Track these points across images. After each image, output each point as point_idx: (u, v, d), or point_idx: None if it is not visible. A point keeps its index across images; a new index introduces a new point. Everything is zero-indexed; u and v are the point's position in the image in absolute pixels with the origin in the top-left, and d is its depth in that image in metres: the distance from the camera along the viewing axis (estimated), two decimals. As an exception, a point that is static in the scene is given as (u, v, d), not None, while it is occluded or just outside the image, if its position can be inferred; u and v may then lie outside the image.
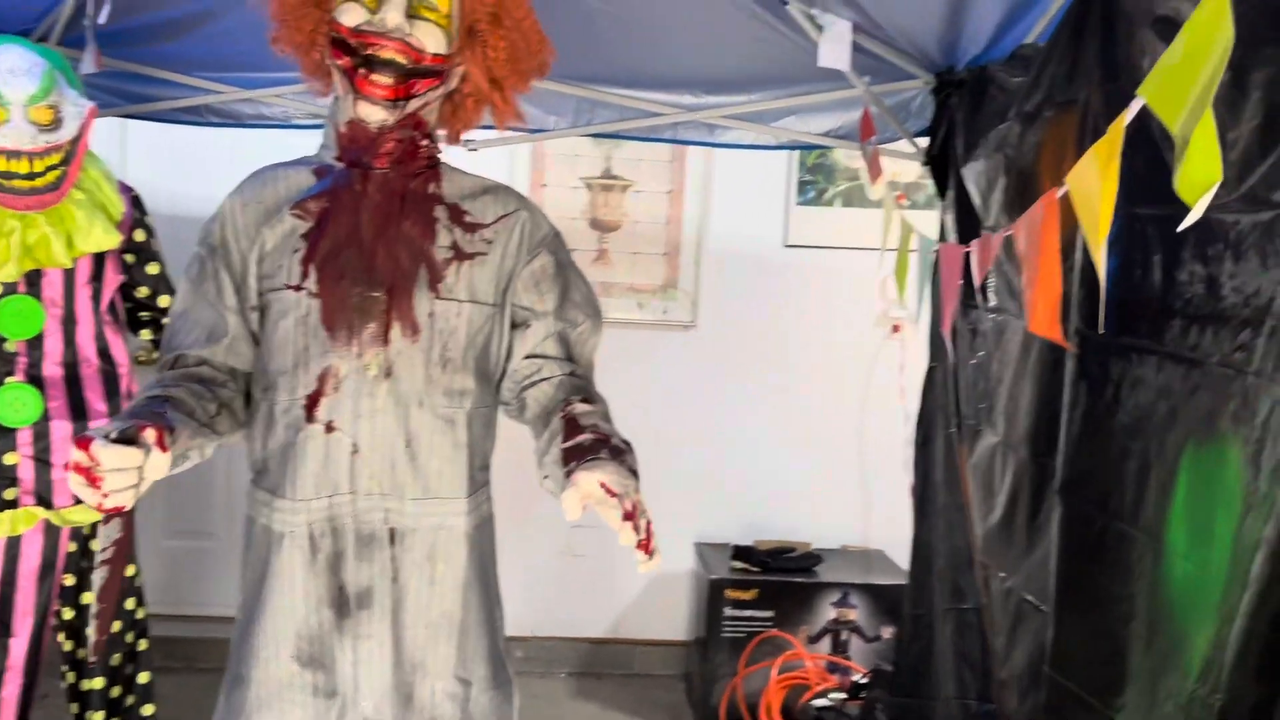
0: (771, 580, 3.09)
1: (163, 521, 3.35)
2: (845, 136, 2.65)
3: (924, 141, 2.55)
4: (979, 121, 2.09)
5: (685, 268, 3.42)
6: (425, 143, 1.48)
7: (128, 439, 1.15)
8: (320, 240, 1.42)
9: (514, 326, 1.52)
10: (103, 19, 2.22)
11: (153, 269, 2.22)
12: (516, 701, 1.59)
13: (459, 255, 1.46)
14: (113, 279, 2.12)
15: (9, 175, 1.87)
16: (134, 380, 2.18)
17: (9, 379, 1.99)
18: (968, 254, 1.44)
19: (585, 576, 3.49)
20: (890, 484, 3.38)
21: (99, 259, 2.09)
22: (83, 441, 1.12)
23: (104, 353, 2.11)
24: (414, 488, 1.44)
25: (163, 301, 2.24)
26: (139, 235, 2.18)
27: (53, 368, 2.03)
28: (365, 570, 1.44)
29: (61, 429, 2.03)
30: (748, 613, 3.07)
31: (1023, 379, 1.68)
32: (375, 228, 1.42)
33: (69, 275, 2.04)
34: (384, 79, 1.37)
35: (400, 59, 1.36)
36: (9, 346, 1.99)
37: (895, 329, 3.38)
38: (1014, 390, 1.72)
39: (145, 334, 2.28)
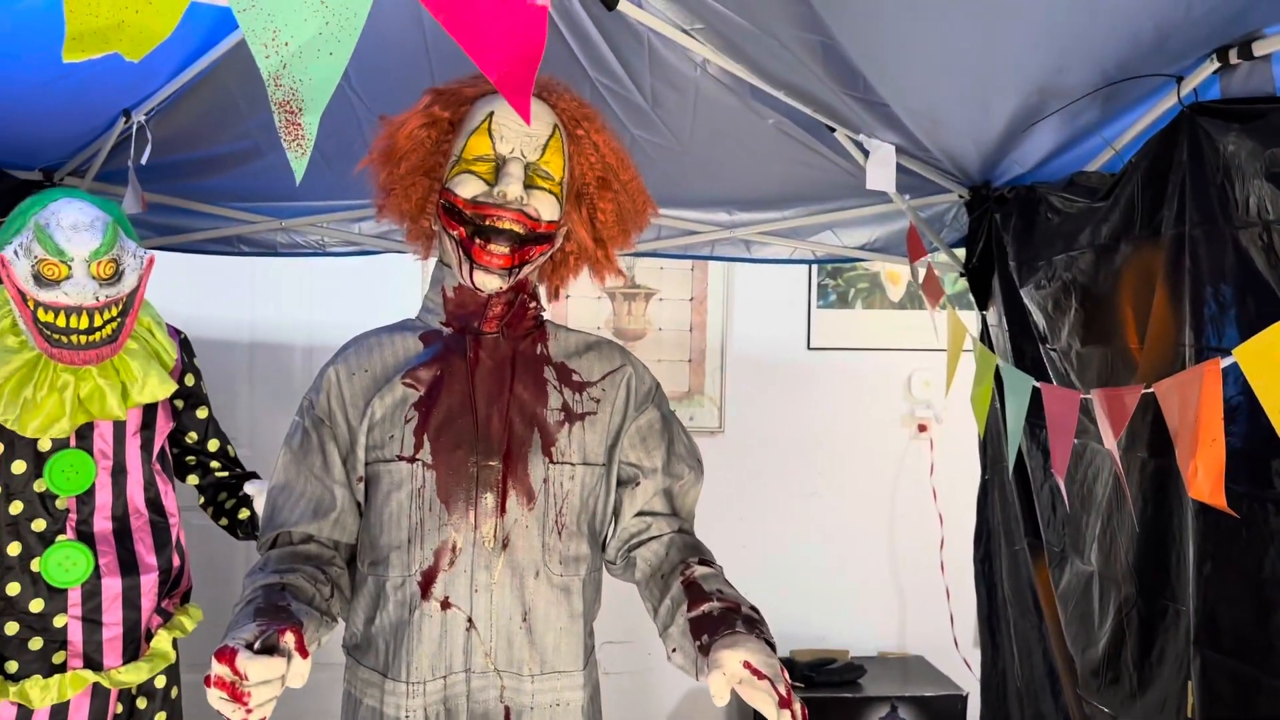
0: (817, 697, 3.02)
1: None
2: (882, 249, 2.67)
3: (959, 251, 2.59)
4: (1033, 242, 2.11)
5: (710, 374, 3.41)
6: (532, 304, 1.46)
7: (269, 647, 1.09)
8: (433, 409, 1.38)
9: (620, 484, 1.49)
10: (144, 159, 2.20)
11: (201, 413, 2.16)
12: None
13: (570, 417, 1.43)
14: (164, 427, 2.06)
15: (69, 331, 1.82)
16: (182, 530, 2.11)
17: (60, 537, 1.91)
18: (1085, 400, 1.44)
19: (617, 694, 3.40)
20: (925, 586, 3.36)
21: (150, 407, 2.02)
22: (225, 654, 1.06)
23: (154, 503, 2.03)
24: (531, 663, 1.38)
25: (211, 446, 2.18)
26: (188, 380, 2.12)
27: (103, 522, 1.95)
28: (480, 752, 1.37)
29: (112, 587, 1.94)
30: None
31: (1119, 512, 1.67)
32: (488, 394, 1.39)
33: (119, 426, 1.97)
34: (500, 248, 1.35)
35: (517, 228, 1.35)
36: (59, 503, 1.91)
37: (921, 429, 3.39)
38: (1109, 522, 1.70)
39: (192, 479, 2.20)
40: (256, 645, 1.09)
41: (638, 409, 1.48)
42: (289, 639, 1.10)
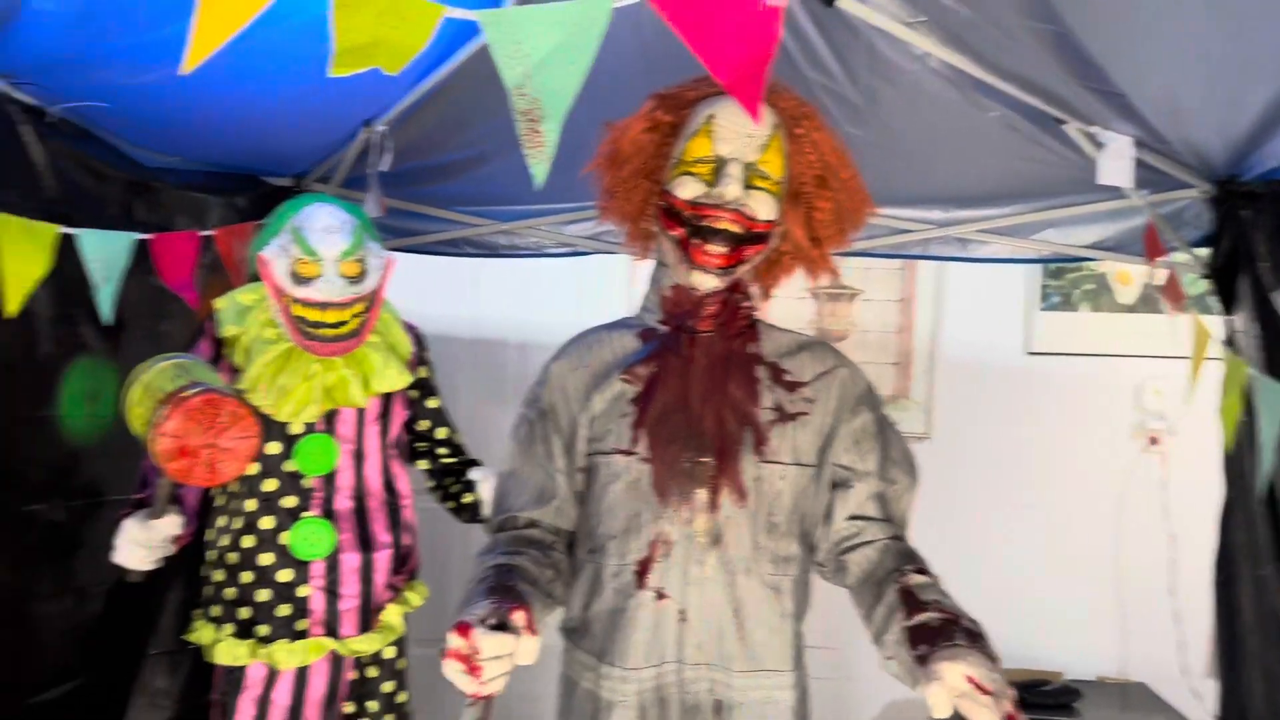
0: None
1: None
2: (1113, 248, 2.52)
3: (1201, 251, 2.40)
4: (1291, 241, 1.93)
5: (918, 377, 3.31)
6: (746, 303, 1.48)
7: (501, 624, 1.16)
8: (650, 405, 1.42)
9: (832, 486, 1.48)
10: (385, 166, 2.37)
11: (433, 403, 2.30)
12: None
13: (782, 416, 1.43)
14: (399, 415, 2.21)
15: (318, 325, 1.98)
16: (413, 511, 2.26)
17: (306, 514, 2.08)
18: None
19: (816, 700, 3.36)
20: (1151, 609, 3.13)
21: (387, 396, 2.18)
22: (462, 628, 1.13)
23: (388, 485, 2.18)
24: (741, 659, 1.40)
25: (440, 434, 2.32)
26: (422, 372, 2.27)
27: (344, 501, 2.12)
28: (690, 743, 1.40)
29: (350, 561, 2.10)
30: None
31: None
32: (702, 392, 1.42)
33: (360, 413, 2.13)
34: (718, 248, 1.37)
35: (735, 228, 1.37)
36: (306, 482, 2.09)
37: (1153, 441, 3.17)
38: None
39: (422, 464, 2.35)
40: (490, 621, 1.16)
41: (851, 411, 1.47)
42: (519, 617, 1.16)
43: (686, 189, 1.37)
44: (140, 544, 1.80)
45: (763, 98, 1.40)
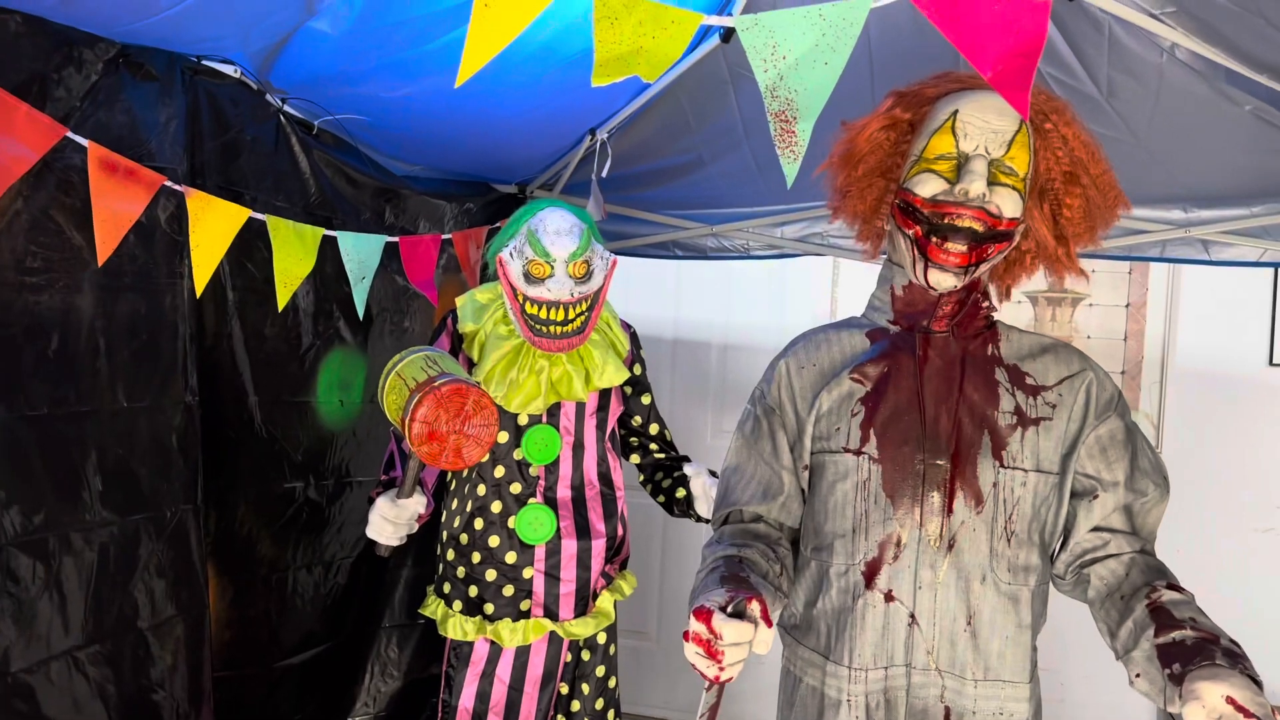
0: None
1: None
2: (1378, 252, 2.30)
3: None
4: None
5: (1148, 388, 3.12)
6: (985, 304, 1.45)
7: (739, 612, 1.19)
8: (880, 405, 1.41)
9: (1075, 495, 1.43)
10: (605, 172, 2.46)
11: (645, 399, 2.37)
12: None
13: (1022, 421, 1.39)
14: (615, 409, 2.29)
15: (548, 323, 2.09)
16: (625, 503, 2.33)
17: (531, 500, 2.19)
18: None
19: None
20: None
21: (605, 391, 2.26)
22: (703, 614, 1.17)
23: (604, 477, 2.27)
24: (975, 668, 1.37)
25: (652, 429, 2.39)
26: (637, 369, 2.34)
27: (564, 490, 2.22)
28: (917, 747, 1.38)
29: (570, 547, 2.19)
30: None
31: None
32: (937, 393, 1.40)
33: (580, 406, 2.23)
34: (958, 246, 1.35)
35: (977, 226, 1.34)
36: (531, 471, 2.20)
37: None
38: None
39: (634, 458, 2.43)
40: (729, 609, 1.19)
41: (1098, 417, 1.41)
42: (755, 607, 1.18)
43: (927, 186, 1.36)
44: (391, 520, 1.95)
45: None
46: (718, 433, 3.52)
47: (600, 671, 2.32)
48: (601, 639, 2.31)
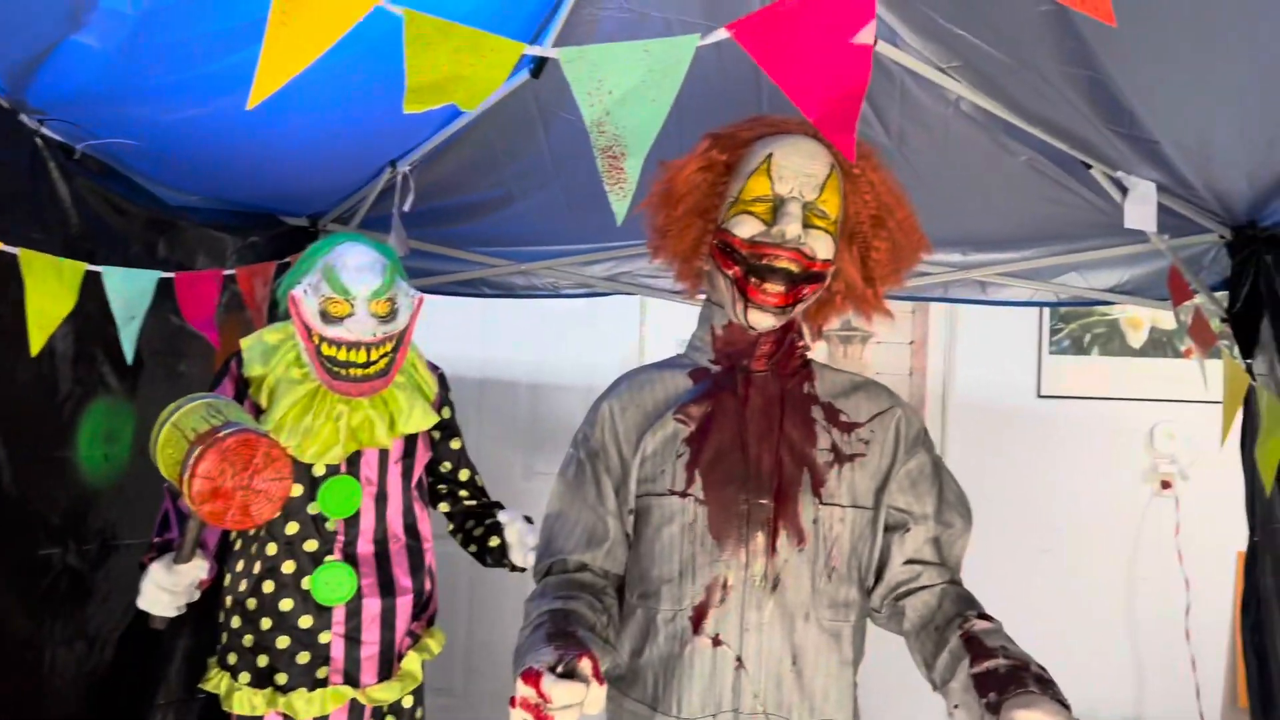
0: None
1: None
2: (1132, 292, 2.53)
3: (1220, 295, 2.42)
4: (1320, 285, 1.95)
5: (931, 420, 3.31)
6: (800, 343, 1.46)
7: (569, 671, 1.12)
8: (705, 445, 1.40)
9: (888, 529, 1.45)
10: (407, 206, 2.36)
11: (455, 444, 2.27)
12: None
13: (839, 458, 1.41)
14: (423, 456, 2.17)
15: (348, 365, 1.95)
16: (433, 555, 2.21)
17: (328, 558, 2.03)
18: None
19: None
20: (1166, 654, 3.11)
21: (411, 437, 2.14)
22: (531, 676, 1.10)
23: (410, 528, 2.14)
24: (801, 708, 1.36)
25: (462, 475, 2.28)
26: (445, 413, 2.24)
27: (366, 545, 2.07)
28: (746, 796, 1.36)
29: (372, 607, 2.05)
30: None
31: None
32: (759, 432, 1.40)
33: (383, 454, 2.09)
34: (776, 287, 1.36)
35: (793, 267, 1.36)
36: (329, 526, 2.04)
37: (1165, 485, 3.17)
38: None
39: (443, 507, 2.31)
40: (559, 669, 1.12)
41: (908, 452, 1.45)
42: (586, 665, 1.12)
43: (745, 228, 1.37)
44: (167, 589, 1.75)
45: (809, 136, 1.40)
46: (530, 474, 3.44)
47: (407, 736, 2.17)
48: (407, 703, 2.17)
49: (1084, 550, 3.19)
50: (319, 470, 2.03)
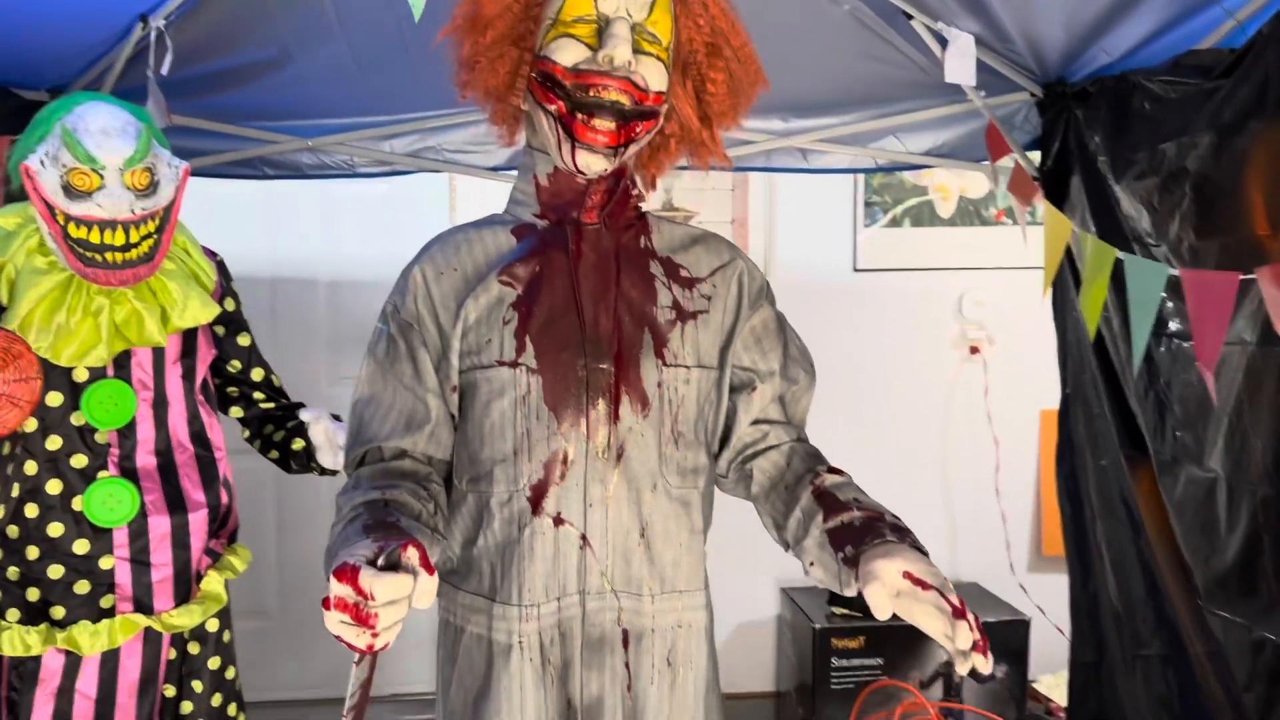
0: (876, 626, 2.94)
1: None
2: (948, 155, 2.53)
3: (1033, 155, 2.45)
4: (1129, 134, 1.97)
5: (752, 299, 3.27)
6: (634, 192, 1.32)
7: (392, 564, 0.97)
8: (534, 309, 1.24)
9: (734, 389, 1.36)
10: (165, 69, 2.03)
11: (244, 340, 2.01)
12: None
13: (681, 316, 1.29)
14: (206, 355, 1.91)
15: (103, 248, 1.66)
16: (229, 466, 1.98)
17: (101, 474, 1.77)
18: (1246, 282, 1.32)
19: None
20: (978, 512, 3.26)
21: (189, 334, 1.88)
22: (345, 573, 0.93)
23: (198, 437, 1.89)
24: (651, 582, 1.26)
25: (255, 375, 2.04)
26: (229, 304, 1.98)
27: (146, 457, 1.82)
28: (595, 680, 1.26)
29: (160, 525, 1.81)
30: (856, 661, 2.91)
31: (1252, 411, 1.56)
32: (594, 291, 1.26)
33: (158, 354, 1.83)
34: (606, 124, 1.20)
35: (624, 100, 1.20)
36: (99, 437, 1.77)
37: (974, 351, 3.27)
38: (1238, 423, 1.59)
39: (235, 412, 2.07)
40: (380, 562, 0.96)
41: (751, 307, 1.35)
42: (412, 555, 0.97)
43: (566, 53, 1.19)
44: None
45: None
46: (335, 380, 3.18)
47: (214, 663, 1.96)
48: (212, 626, 1.95)
49: (899, 418, 3.27)
50: (80, 375, 1.75)
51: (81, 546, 1.75)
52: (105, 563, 1.77)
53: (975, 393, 3.25)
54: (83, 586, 1.75)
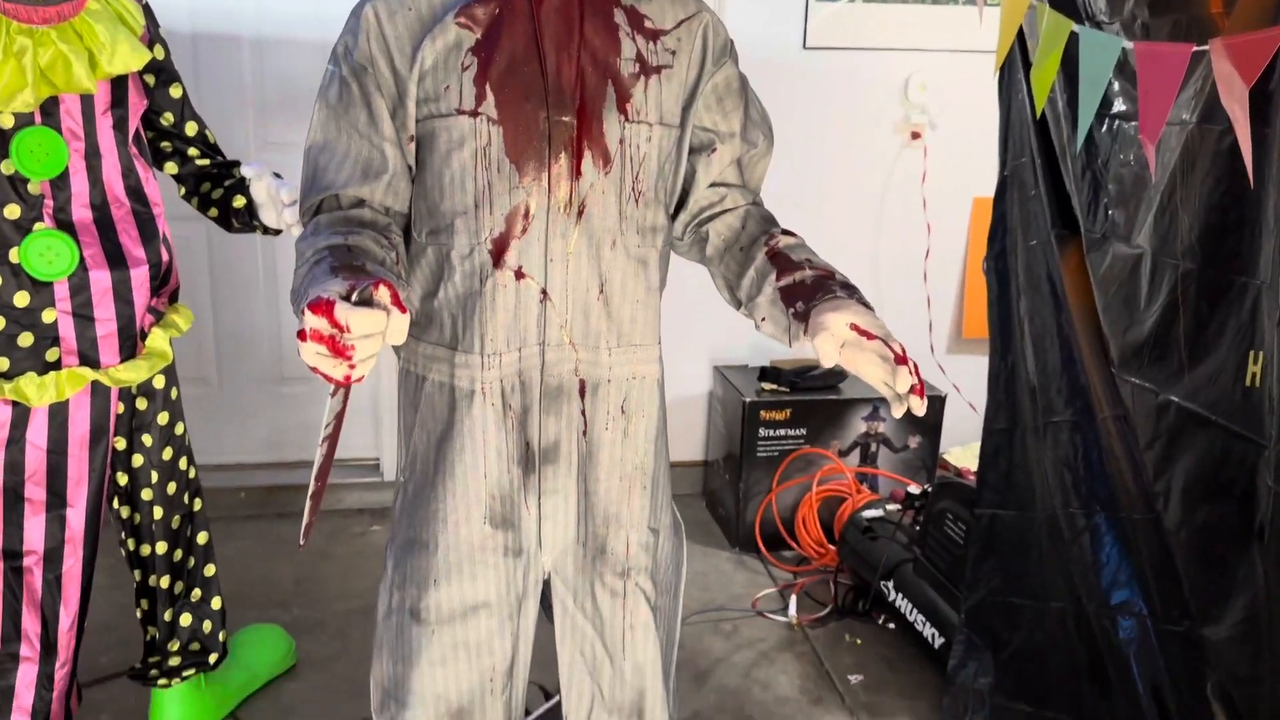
0: (802, 399, 3.09)
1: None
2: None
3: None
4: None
5: (698, 75, 3.19)
6: (599, -70, 1.26)
7: (365, 300, 0.98)
8: (495, 55, 1.21)
9: (693, 150, 1.36)
10: None
11: (175, 91, 1.93)
12: (685, 546, 1.53)
13: (644, 69, 1.27)
14: (137, 105, 1.83)
15: (20, -21, 1.55)
16: (167, 224, 1.94)
17: (38, 225, 1.72)
18: (1199, 54, 1.33)
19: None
20: (904, 294, 3.37)
21: (119, 83, 1.78)
22: (321, 306, 0.95)
23: (134, 191, 1.84)
24: (608, 336, 1.31)
25: (189, 130, 1.97)
26: (158, 52, 1.87)
27: (82, 210, 1.77)
28: (552, 425, 1.32)
29: (101, 280, 1.79)
30: (781, 432, 3.07)
31: (1184, 187, 1.62)
32: (557, 39, 1.22)
33: (87, 102, 1.74)
34: None
35: None
36: (32, 188, 1.71)
37: (915, 136, 3.29)
38: (1169, 200, 1.65)
39: (170, 168, 2.00)
40: (353, 299, 0.98)
41: (715, 63, 1.34)
42: (384, 293, 0.98)
43: None
44: None
45: None
46: (264, 145, 3.07)
47: (164, 419, 2.00)
48: (159, 383, 1.97)
49: (835, 200, 3.30)
50: (6, 121, 1.67)
51: (22, 299, 1.72)
52: (48, 316, 1.75)
53: (913, 178, 3.29)
54: (26, 339, 1.74)
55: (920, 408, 1.15)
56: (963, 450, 3.32)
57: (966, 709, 2.19)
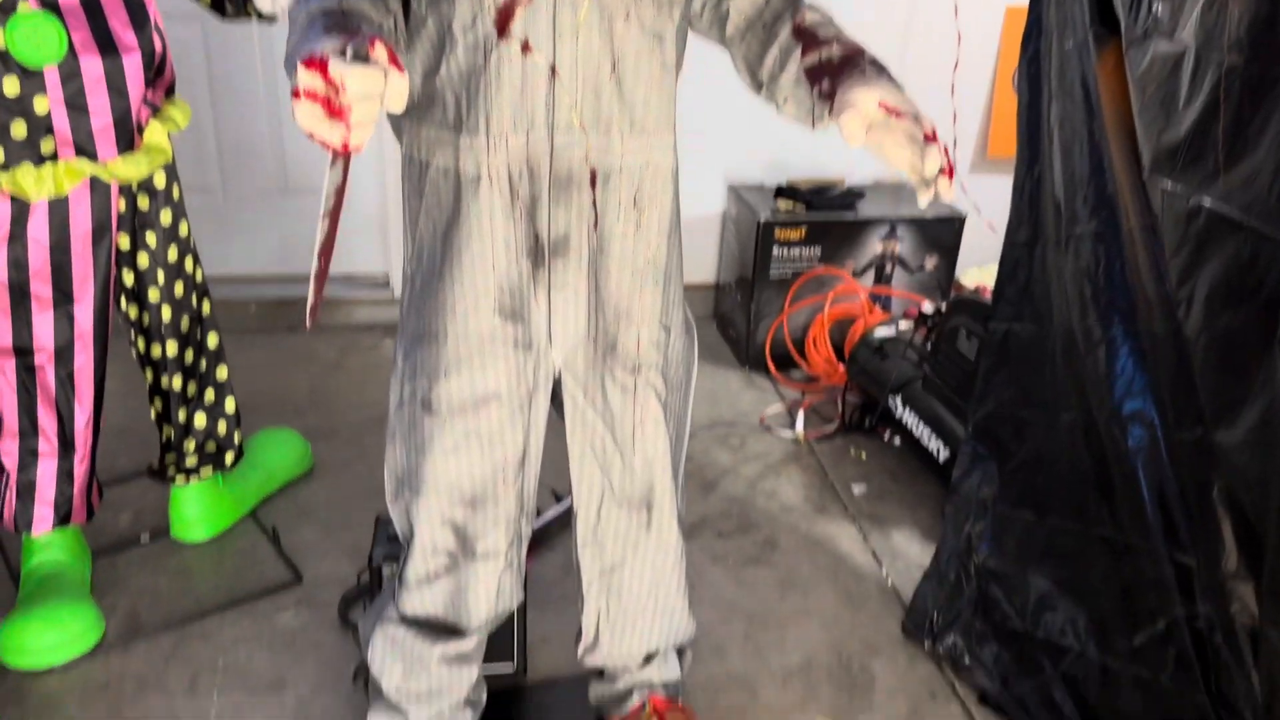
0: (818, 219, 3.02)
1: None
2: None
3: None
4: None
5: None
6: None
7: (360, 57, 0.92)
8: None
9: None
10: None
11: None
12: (696, 346, 1.52)
13: None
14: (117, -128, 1.71)
15: None
16: (158, 12, 1.84)
17: (21, 5, 1.63)
18: None
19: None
20: (931, 109, 3.23)
21: None
22: (314, 62, 0.89)
23: (121, -25, 1.74)
24: (621, 119, 1.25)
25: (175, -95, 1.84)
26: None
27: (67, -9, 1.68)
28: (562, 216, 1.28)
29: (92, 68, 1.71)
30: (795, 251, 3.02)
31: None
32: None
33: None
34: None
35: None
36: (10, -36, 1.62)
37: (949, -62, 3.08)
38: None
39: (155, -51, 1.89)
40: (348, 55, 0.92)
41: None
42: (381, 50, 0.92)
43: None
44: None
45: None
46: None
47: (166, 218, 1.96)
48: (160, 181, 1.93)
49: (859, 8, 3.12)
50: (-24, -112, 1.56)
51: (11, 86, 1.66)
52: (40, 105, 1.69)
53: (944, -14, 3.11)
54: (19, 128, 1.68)
55: (948, 191, 1.10)
56: (980, 270, 3.27)
57: (969, 517, 2.22)
